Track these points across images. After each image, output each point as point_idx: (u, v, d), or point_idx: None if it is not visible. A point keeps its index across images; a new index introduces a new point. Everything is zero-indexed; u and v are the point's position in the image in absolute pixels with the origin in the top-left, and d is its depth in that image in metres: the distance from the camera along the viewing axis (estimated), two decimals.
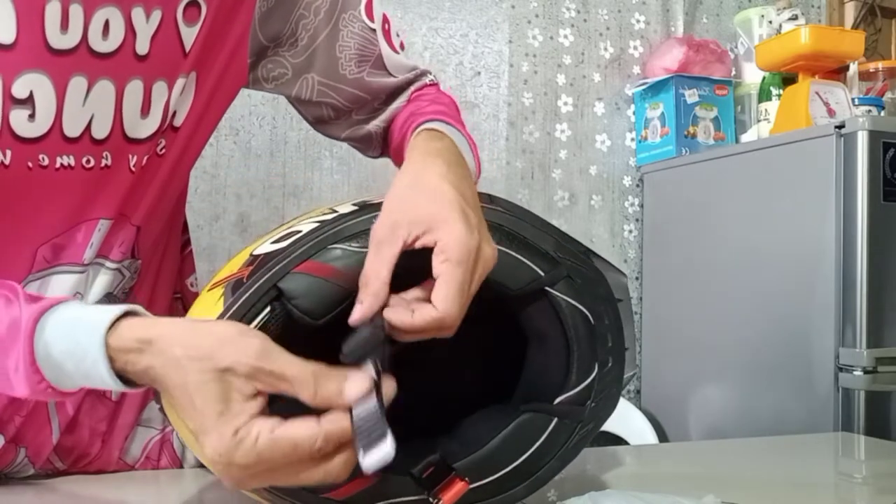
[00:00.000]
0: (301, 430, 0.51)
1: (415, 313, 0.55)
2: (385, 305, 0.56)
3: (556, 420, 0.66)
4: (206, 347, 0.52)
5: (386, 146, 0.94)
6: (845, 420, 1.56)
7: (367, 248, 0.59)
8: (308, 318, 0.60)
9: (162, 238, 0.87)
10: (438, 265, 0.56)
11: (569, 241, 0.68)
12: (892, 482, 0.96)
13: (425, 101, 0.88)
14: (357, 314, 0.56)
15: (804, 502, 0.85)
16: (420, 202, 0.58)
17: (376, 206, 0.63)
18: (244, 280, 0.62)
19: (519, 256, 0.65)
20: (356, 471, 0.53)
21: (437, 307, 0.54)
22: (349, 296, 0.59)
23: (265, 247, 0.65)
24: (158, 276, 0.88)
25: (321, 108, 0.90)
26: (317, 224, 0.64)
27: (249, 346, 0.52)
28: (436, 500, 0.61)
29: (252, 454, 0.50)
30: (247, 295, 0.60)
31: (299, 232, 0.64)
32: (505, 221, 0.65)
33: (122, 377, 0.55)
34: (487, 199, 0.68)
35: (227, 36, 0.80)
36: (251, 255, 0.65)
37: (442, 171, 0.61)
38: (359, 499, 0.62)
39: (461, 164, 0.65)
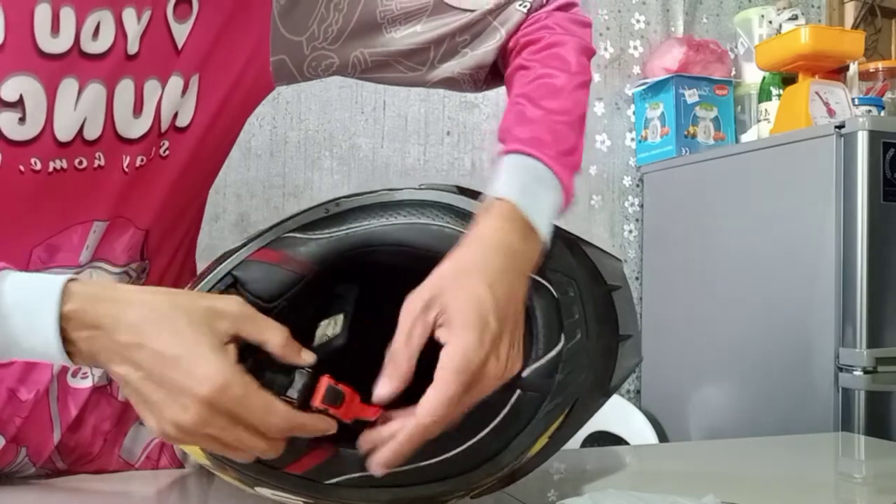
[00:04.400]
0: (279, 403, 0.56)
1: (401, 431, 0.58)
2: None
3: (518, 392, 0.64)
4: (187, 295, 0.58)
5: (489, 81, 0.86)
6: (845, 420, 1.56)
7: (318, 236, 0.66)
8: (260, 302, 0.63)
9: (183, 242, 0.86)
10: (440, 367, 0.58)
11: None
12: (892, 482, 0.96)
13: (530, 78, 0.77)
14: (384, 390, 0.58)
15: (804, 502, 0.85)
16: (455, 293, 0.60)
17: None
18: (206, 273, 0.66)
19: None
20: (315, 442, 0.59)
21: (419, 414, 0.57)
22: (301, 279, 0.64)
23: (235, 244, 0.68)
24: (179, 279, 0.86)
25: (383, 73, 0.83)
26: (281, 220, 0.69)
27: (232, 298, 0.59)
28: (315, 408, 0.58)
29: (243, 391, 0.54)
30: (202, 282, 0.63)
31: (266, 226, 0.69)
32: (475, 209, 0.68)
33: (64, 335, 0.56)
34: (457, 192, 0.71)
35: (238, 38, 0.78)
36: (222, 253, 0.68)
37: (492, 271, 0.62)
38: (319, 472, 0.62)
39: (517, 256, 0.65)
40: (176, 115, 0.77)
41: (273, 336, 0.58)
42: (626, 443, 1.89)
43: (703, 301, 1.95)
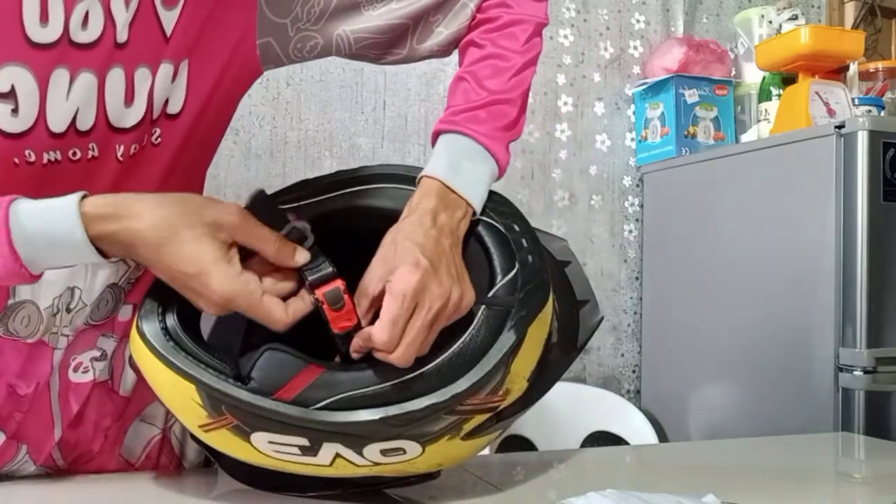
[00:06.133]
0: (276, 308, 0.66)
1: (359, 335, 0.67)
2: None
3: (483, 307, 0.71)
4: (191, 207, 0.65)
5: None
6: (845, 420, 1.56)
7: (292, 206, 0.77)
8: None
9: None
10: (384, 297, 0.67)
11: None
12: (892, 482, 0.96)
13: (479, 56, 0.85)
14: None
15: (804, 502, 0.85)
16: (390, 257, 0.69)
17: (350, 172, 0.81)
18: None
19: None
20: (299, 367, 0.65)
21: (372, 330, 0.66)
22: None
23: None
24: None
25: (367, 52, 0.88)
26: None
27: (231, 206, 0.67)
28: (314, 298, 0.67)
29: (248, 301, 0.65)
30: None
31: None
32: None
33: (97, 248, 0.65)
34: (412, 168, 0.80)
35: (226, 23, 0.79)
36: None
37: (415, 231, 0.71)
38: (307, 396, 0.65)
39: (440, 219, 0.73)
40: (167, 101, 0.77)
41: (265, 246, 0.67)
42: (626, 443, 1.89)
43: (703, 301, 1.95)
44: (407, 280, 0.66)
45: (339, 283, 0.67)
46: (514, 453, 0.99)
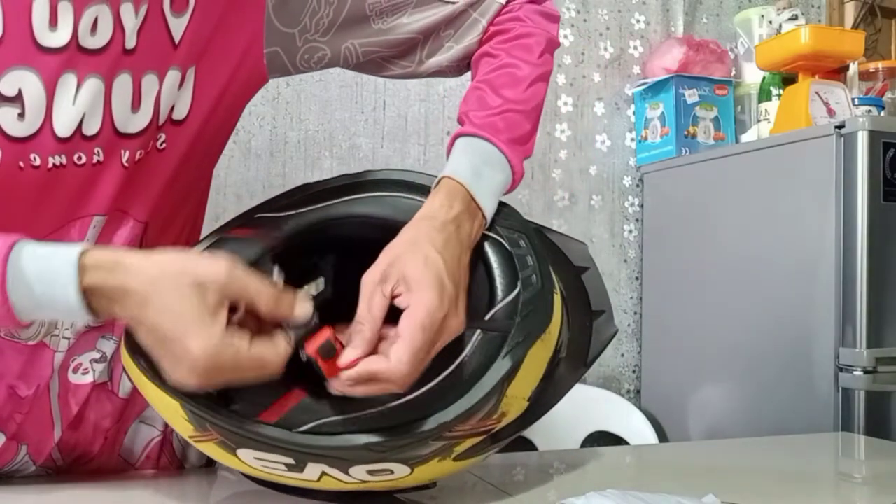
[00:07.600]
0: (269, 352, 0.61)
1: (366, 361, 0.62)
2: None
3: (479, 332, 0.68)
4: (179, 265, 0.61)
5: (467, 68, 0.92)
6: (845, 420, 1.56)
7: (285, 214, 0.77)
8: None
9: (182, 235, 0.87)
10: (404, 324, 0.63)
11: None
12: (892, 482, 0.96)
13: (494, 66, 0.84)
14: (350, 356, 0.62)
15: (804, 502, 0.85)
16: (409, 261, 0.66)
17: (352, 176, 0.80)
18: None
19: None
20: (284, 389, 0.64)
21: (390, 360, 0.61)
22: (271, 250, 0.73)
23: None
24: None
25: (375, 64, 0.88)
26: (255, 206, 0.80)
27: (219, 262, 0.62)
28: (303, 352, 0.62)
29: (234, 359, 0.59)
30: None
31: None
32: (428, 181, 0.77)
33: (87, 303, 0.61)
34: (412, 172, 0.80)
35: (234, 31, 0.79)
36: (205, 236, 0.78)
37: (440, 242, 0.68)
38: (291, 419, 0.64)
39: (462, 230, 0.71)
40: (172, 108, 0.77)
41: (261, 300, 0.62)
42: (626, 443, 1.89)
43: (703, 301, 1.95)
44: (434, 312, 0.63)
45: (328, 334, 0.62)
46: (514, 453, 0.99)
